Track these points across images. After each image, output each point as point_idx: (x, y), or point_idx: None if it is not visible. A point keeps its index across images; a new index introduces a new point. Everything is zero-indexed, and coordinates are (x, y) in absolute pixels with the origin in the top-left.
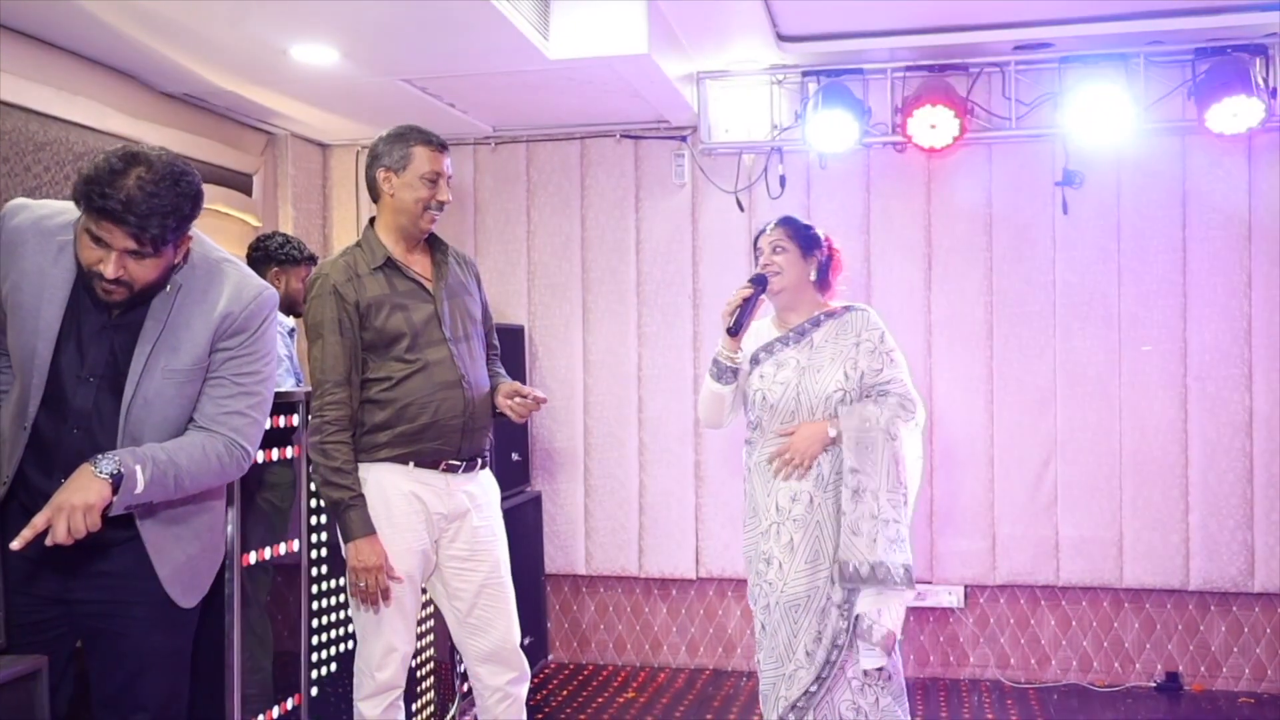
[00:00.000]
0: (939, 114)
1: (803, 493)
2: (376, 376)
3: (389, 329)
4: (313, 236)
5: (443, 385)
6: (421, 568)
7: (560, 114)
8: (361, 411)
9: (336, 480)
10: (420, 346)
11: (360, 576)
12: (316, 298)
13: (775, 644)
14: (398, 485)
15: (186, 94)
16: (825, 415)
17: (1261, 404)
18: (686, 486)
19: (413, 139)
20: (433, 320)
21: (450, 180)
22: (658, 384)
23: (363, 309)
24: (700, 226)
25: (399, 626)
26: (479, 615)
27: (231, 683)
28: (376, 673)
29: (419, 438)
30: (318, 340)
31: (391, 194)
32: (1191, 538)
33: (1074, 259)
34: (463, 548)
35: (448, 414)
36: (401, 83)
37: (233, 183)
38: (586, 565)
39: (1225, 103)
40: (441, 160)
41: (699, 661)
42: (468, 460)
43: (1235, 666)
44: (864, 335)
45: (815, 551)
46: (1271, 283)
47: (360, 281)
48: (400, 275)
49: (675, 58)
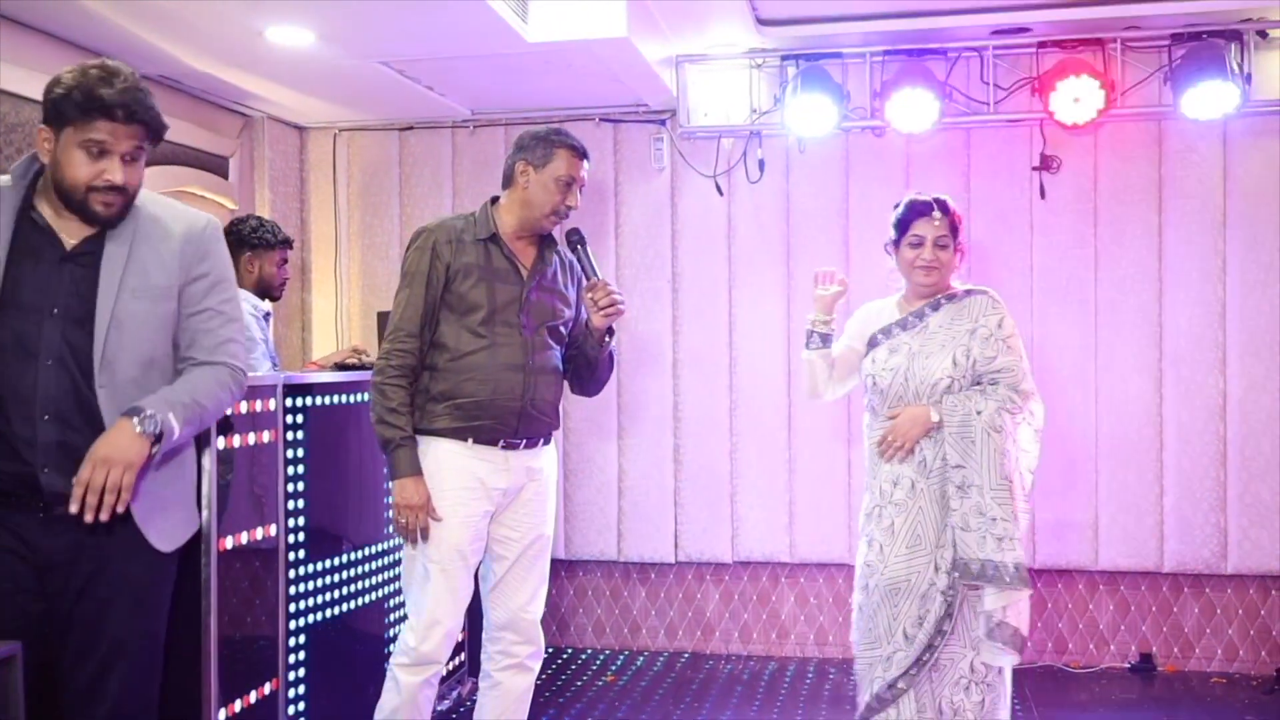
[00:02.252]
0: (917, 98)
1: (904, 477)
2: (445, 343)
3: (470, 298)
4: (290, 220)
5: (506, 366)
6: (474, 544)
7: (539, 97)
8: (425, 377)
9: (390, 420)
10: (494, 324)
11: (402, 513)
12: (417, 249)
13: (874, 626)
14: (455, 462)
15: (161, 75)
16: (932, 402)
17: (1235, 388)
18: (666, 471)
19: (559, 141)
20: (514, 304)
21: (583, 187)
22: (637, 368)
23: (452, 272)
24: (680, 211)
25: (446, 601)
26: (508, 581)
27: (209, 669)
28: (420, 644)
29: (475, 414)
30: (405, 288)
31: (525, 187)
32: (1166, 520)
33: (1051, 244)
34: (512, 516)
35: (505, 395)
36: (379, 65)
37: (208, 165)
38: (566, 549)
39: (1201, 88)
40: (580, 167)
41: (678, 645)
42: (527, 439)
43: (1208, 647)
44: (981, 320)
45: (916, 536)
46: (1246, 268)
47: (461, 246)
48: (500, 253)
49: (654, 41)
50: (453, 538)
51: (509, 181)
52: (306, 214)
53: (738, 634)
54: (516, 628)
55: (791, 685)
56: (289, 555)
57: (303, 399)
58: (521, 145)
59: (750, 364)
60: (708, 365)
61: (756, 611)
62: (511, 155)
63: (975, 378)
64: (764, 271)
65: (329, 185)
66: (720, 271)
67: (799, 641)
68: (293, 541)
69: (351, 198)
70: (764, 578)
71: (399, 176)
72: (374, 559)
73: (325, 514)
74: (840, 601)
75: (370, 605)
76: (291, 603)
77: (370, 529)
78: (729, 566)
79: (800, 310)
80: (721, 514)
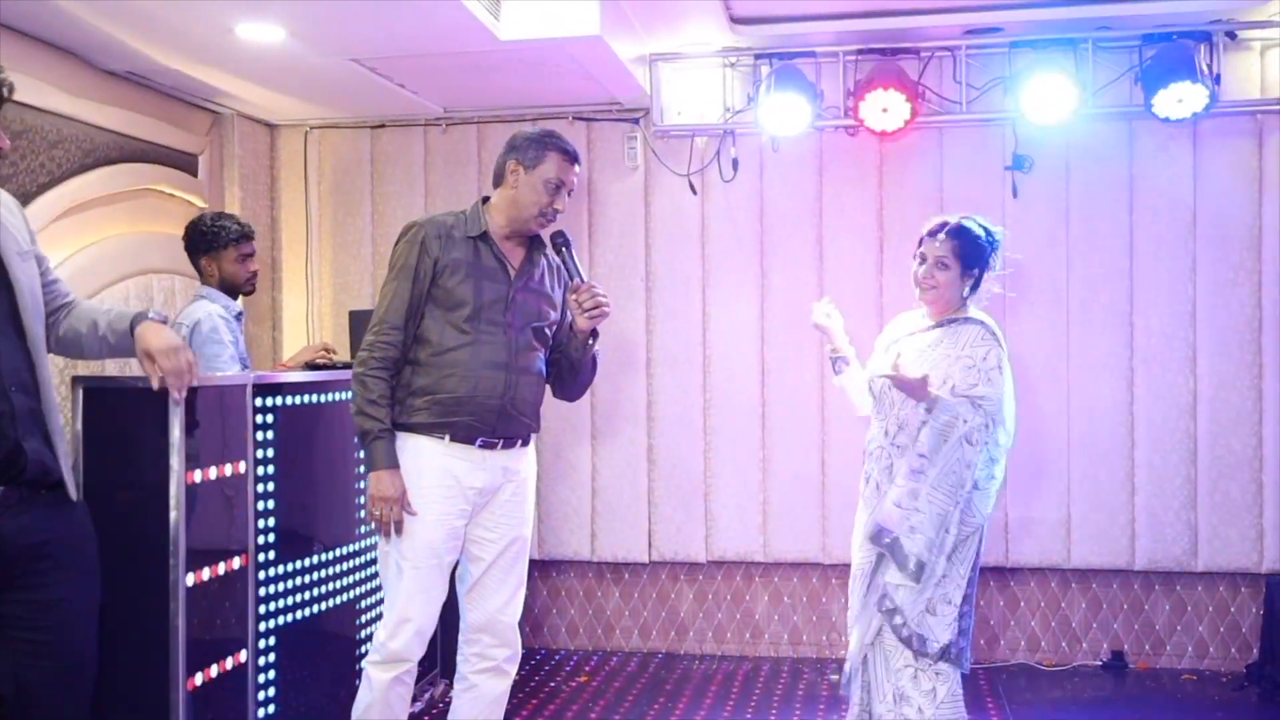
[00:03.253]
0: (890, 98)
1: (871, 476)
2: (429, 338)
3: (457, 293)
4: (260, 218)
5: (488, 364)
6: (448, 542)
7: (512, 95)
8: (406, 371)
9: (369, 411)
10: (479, 321)
11: (376, 505)
12: (407, 242)
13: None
14: (432, 459)
15: (129, 72)
16: (903, 413)
17: (1205, 386)
18: (639, 470)
19: (550, 144)
20: (500, 302)
21: (571, 192)
22: (610, 368)
23: (440, 266)
24: (653, 209)
25: (417, 599)
26: (485, 583)
27: (176, 670)
28: (389, 640)
29: (454, 410)
30: (392, 280)
31: (514, 187)
32: (1137, 518)
33: (1023, 243)
34: (489, 517)
35: (486, 393)
36: (350, 63)
37: (177, 163)
38: (539, 550)
39: (1171, 88)
40: (570, 171)
41: (651, 645)
42: (505, 439)
43: (1179, 645)
44: (966, 350)
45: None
46: (1215, 267)
47: (451, 241)
48: (489, 251)
49: (627, 39)
50: (426, 535)
51: (499, 180)
52: (277, 212)
53: (711, 634)
54: (493, 630)
55: (765, 685)
56: (259, 557)
57: (273, 399)
58: (514, 145)
59: (724, 363)
60: (681, 364)
61: (730, 611)
62: (503, 154)
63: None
64: (738, 270)
65: (300, 183)
66: (694, 270)
67: (773, 641)
68: (263, 543)
69: (323, 196)
70: (738, 577)
71: (371, 175)
72: (346, 559)
73: (296, 516)
74: (814, 601)
75: (342, 607)
76: (262, 604)
77: (342, 530)
78: (703, 566)
79: (774, 309)
80: (695, 513)
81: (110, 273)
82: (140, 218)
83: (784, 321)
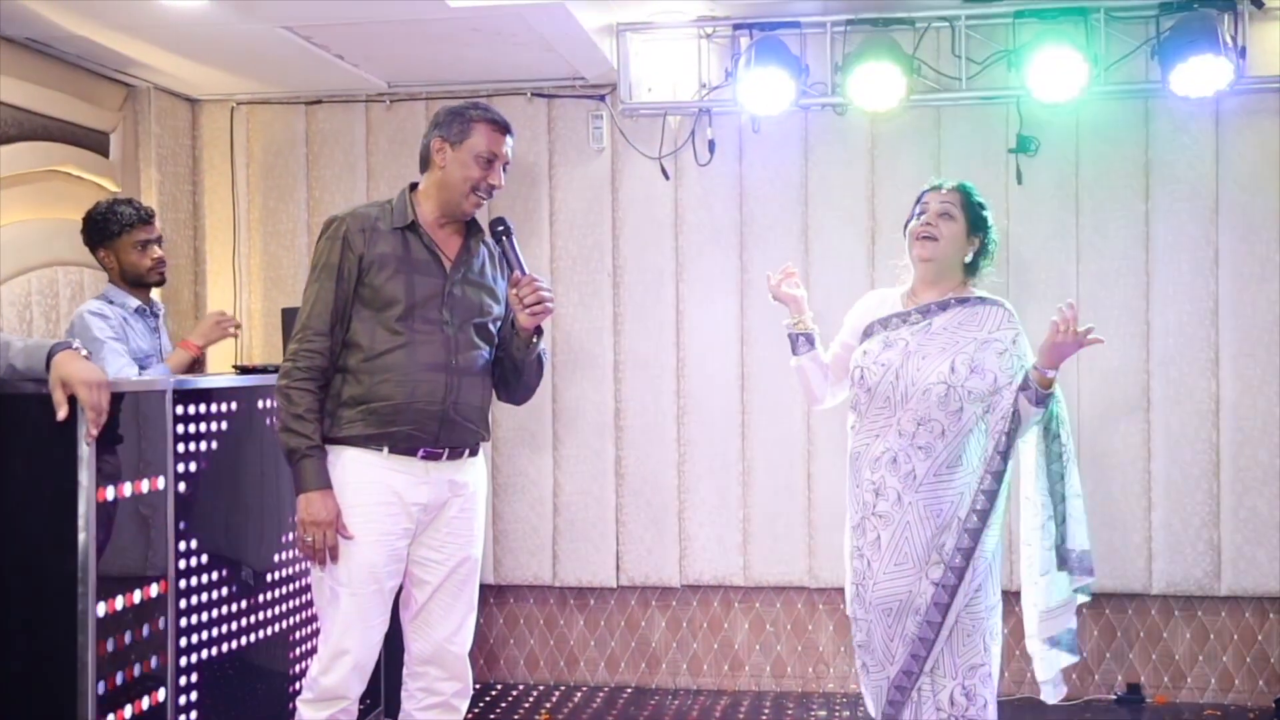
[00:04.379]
0: (882, 72)
1: (888, 488)
2: (359, 342)
3: (386, 291)
4: (181, 202)
5: (426, 367)
6: (389, 565)
7: (464, 69)
8: (336, 381)
9: (295, 427)
10: (413, 320)
11: (308, 530)
12: (328, 239)
13: (870, 642)
14: (368, 473)
15: (29, 39)
16: (922, 408)
17: (1229, 391)
18: (606, 485)
19: (477, 115)
20: (436, 298)
21: (507, 165)
22: (573, 371)
23: (366, 263)
24: (621, 196)
25: (355, 629)
26: (431, 609)
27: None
28: (321, 676)
29: (391, 419)
30: (314, 282)
31: (442, 166)
32: (1154, 537)
33: (1029, 233)
34: (433, 536)
35: (425, 398)
36: (283, 30)
37: (85, 142)
38: (495, 573)
39: (1191, 63)
40: (502, 142)
41: (620, 679)
42: (450, 449)
43: (1200, 676)
44: (995, 334)
45: (902, 554)
46: (1240, 259)
47: (376, 235)
48: (420, 243)
49: (592, 7)
50: (364, 557)
51: (426, 163)
52: (200, 197)
53: (686, 666)
54: (441, 662)
55: None
56: (179, 583)
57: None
58: (437, 122)
59: (700, 366)
60: (652, 367)
61: (707, 640)
62: (427, 134)
63: (995, 390)
64: (714, 263)
65: (225, 165)
66: (666, 263)
67: (754, 674)
68: (184, 568)
69: (252, 179)
70: (715, 603)
71: (306, 156)
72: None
73: (223, 537)
74: (800, 629)
75: (273, 638)
76: (183, 636)
77: (274, 553)
78: (676, 591)
79: (755, 306)
80: (668, 533)
81: (10, 264)
82: (44, 203)
83: (765, 320)
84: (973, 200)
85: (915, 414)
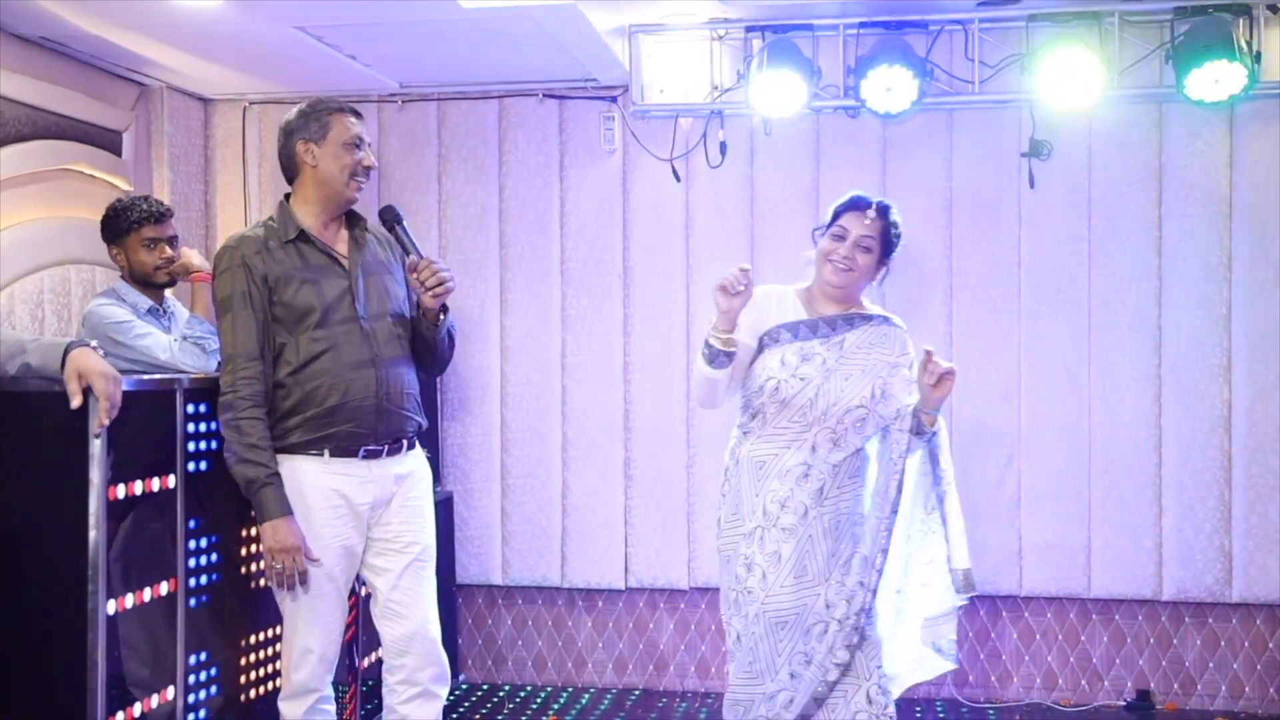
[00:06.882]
0: (895, 76)
1: (794, 501)
2: (287, 357)
3: (298, 303)
4: (193, 202)
5: (352, 365)
6: (344, 565)
7: (476, 69)
8: (273, 397)
9: (251, 458)
10: (330, 323)
11: (276, 558)
12: (226, 271)
13: (755, 658)
14: (315, 480)
15: (44, 38)
16: (840, 427)
17: (1241, 397)
18: (615, 487)
19: (326, 108)
20: (345, 296)
21: (371, 146)
22: (583, 373)
23: (271, 282)
24: (632, 198)
25: (317, 627)
26: (398, 597)
27: (95, 669)
28: (293, 673)
29: (329, 421)
30: (227, 314)
31: (314, 165)
32: (1165, 543)
33: (1041, 238)
34: (384, 528)
35: (358, 394)
36: (296, 30)
37: (99, 141)
38: (503, 574)
39: (1206, 68)
40: (359, 125)
41: (627, 681)
42: (390, 443)
43: (1211, 683)
44: (899, 360)
45: (803, 567)
46: (1254, 265)
47: (271, 254)
48: (313, 249)
49: (604, 8)
50: (321, 560)
51: (295, 171)
52: (211, 196)
53: (695, 668)
54: (416, 650)
55: None
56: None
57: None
58: (290, 130)
59: None
60: (662, 369)
61: (715, 643)
62: (283, 146)
63: (897, 417)
64: (725, 266)
65: (237, 164)
66: (677, 265)
67: None
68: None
69: (263, 179)
70: None
71: None
72: None
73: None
74: None
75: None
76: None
77: None
78: (685, 593)
79: None
80: (677, 534)
81: (23, 263)
82: (57, 202)
83: None
84: (891, 232)
85: (832, 432)
